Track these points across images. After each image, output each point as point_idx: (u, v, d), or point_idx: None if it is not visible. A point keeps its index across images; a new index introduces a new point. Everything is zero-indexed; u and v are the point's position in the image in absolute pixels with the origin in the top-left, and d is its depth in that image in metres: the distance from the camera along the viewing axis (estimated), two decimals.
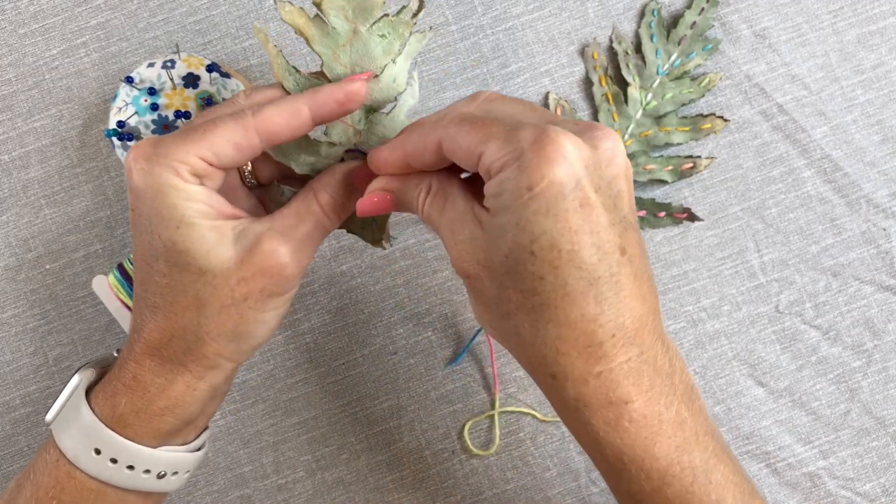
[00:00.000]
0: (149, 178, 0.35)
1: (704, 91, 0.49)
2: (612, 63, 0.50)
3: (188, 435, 0.39)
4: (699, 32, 0.49)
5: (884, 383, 0.50)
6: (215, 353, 0.37)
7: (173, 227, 0.35)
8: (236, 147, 0.35)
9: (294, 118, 0.36)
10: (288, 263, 0.36)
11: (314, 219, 0.37)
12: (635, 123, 0.49)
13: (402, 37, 0.38)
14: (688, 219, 0.49)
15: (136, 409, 0.37)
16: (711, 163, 0.49)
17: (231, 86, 0.45)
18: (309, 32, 0.37)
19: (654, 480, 0.33)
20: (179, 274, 0.36)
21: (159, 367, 0.37)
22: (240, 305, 0.36)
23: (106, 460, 0.37)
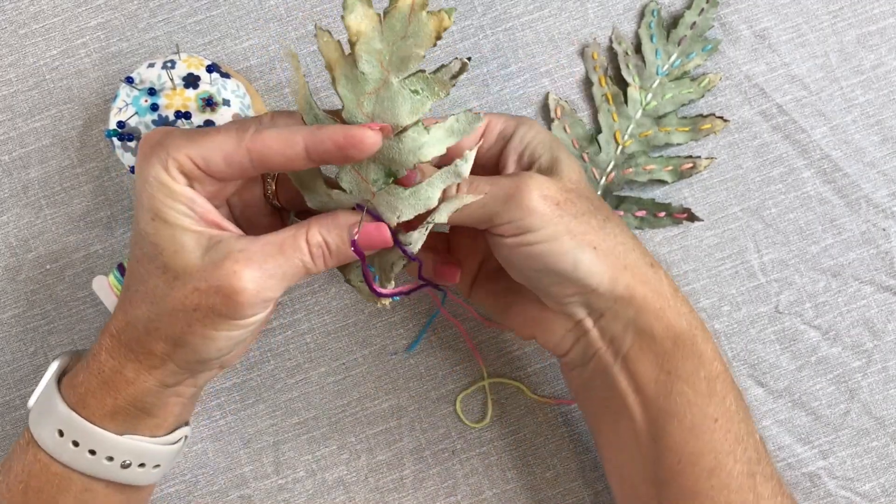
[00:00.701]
0: (142, 166, 0.35)
1: (704, 91, 0.49)
2: (612, 63, 0.50)
3: (154, 429, 0.38)
4: (699, 33, 0.49)
5: (883, 383, 0.50)
6: (162, 353, 0.36)
7: (148, 217, 0.35)
8: (225, 158, 0.34)
9: (288, 148, 0.34)
10: (245, 290, 0.34)
11: (295, 256, 0.35)
12: (635, 124, 0.49)
13: (437, 96, 0.34)
14: (687, 219, 0.49)
15: (91, 389, 0.37)
16: (711, 163, 0.49)
17: (231, 86, 0.45)
18: (336, 72, 0.34)
19: None
20: (148, 264, 0.35)
21: (115, 350, 0.37)
22: (189, 314, 0.35)
23: (68, 443, 0.36)
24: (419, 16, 0.33)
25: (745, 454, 0.38)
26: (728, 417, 0.38)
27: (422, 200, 0.36)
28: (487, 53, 0.50)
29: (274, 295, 0.35)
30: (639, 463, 0.39)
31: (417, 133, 0.35)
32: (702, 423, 0.38)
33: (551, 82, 0.50)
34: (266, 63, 0.50)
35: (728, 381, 0.39)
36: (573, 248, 0.37)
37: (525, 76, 0.50)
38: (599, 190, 0.49)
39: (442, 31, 0.33)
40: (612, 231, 0.38)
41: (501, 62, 0.50)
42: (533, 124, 0.41)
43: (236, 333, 0.36)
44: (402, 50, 0.33)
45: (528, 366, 0.50)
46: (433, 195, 0.36)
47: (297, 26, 0.50)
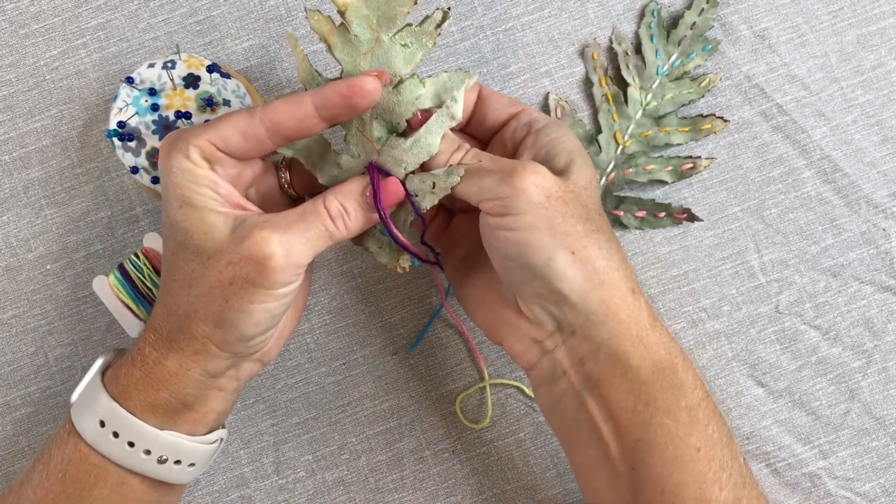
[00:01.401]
0: (165, 161, 0.37)
1: (704, 91, 0.49)
2: (612, 63, 0.50)
3: (194, 426, 0.39)
4: (699, 33, 0.49)
5: (884, 383, 0.50)
6: (203, 335, 0.37)
7: (176, 206, 0.37)
8: (242, 133, 0.37)
9: (298, 109, 0.36)
10: (275, 254, 0.35)
11: (317, 221, 0.37)
12: (635, 124, 0.49)
13: (425, 46, 0.38)
14: (687, 219, 0.49)
15: (134, 381, 0.38)
16: (711, 163, 0.49)
17: (231, 86, 0.45)
18: (332, 40, 0.38)
19: None
20: (181, 252, 0.37)
21: (158, 342, 0.38)
22: (225, 289, 0.36)
23: (109, 433, 0.37)
24: None
25: (731, 480, 0.37)
26: (711, 445, 0.37)
27: (424, 148, 0.38)
28: (487, 53, 0.50)
29: (302, 259, 0.36)
30: (616, 488, 0.38)
31: (414, 85, 0.38)
32: (684, 453, 0.36)
33: (551, 82, 0.50)
34: (266, 63, 0.50)
35: (710, 408, 0.38)
36: (550, 244, 0.36)
37: (525, 76, 0.50)
38: (600, 190, 0.49)
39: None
40: (599, 243, 0.37)
41: (501, 62, 0.50)
42: (563, 126, 0.40)
43: (272, 305, 0.36)
44: (387, 12, 0.37)
45: None
46: (433, 141, 0.38)
47: (297, 26, 0.50)
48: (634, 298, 0.37)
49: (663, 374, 0.37)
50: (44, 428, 0.49)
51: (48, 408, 0.49)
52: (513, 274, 0.38)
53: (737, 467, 0.38)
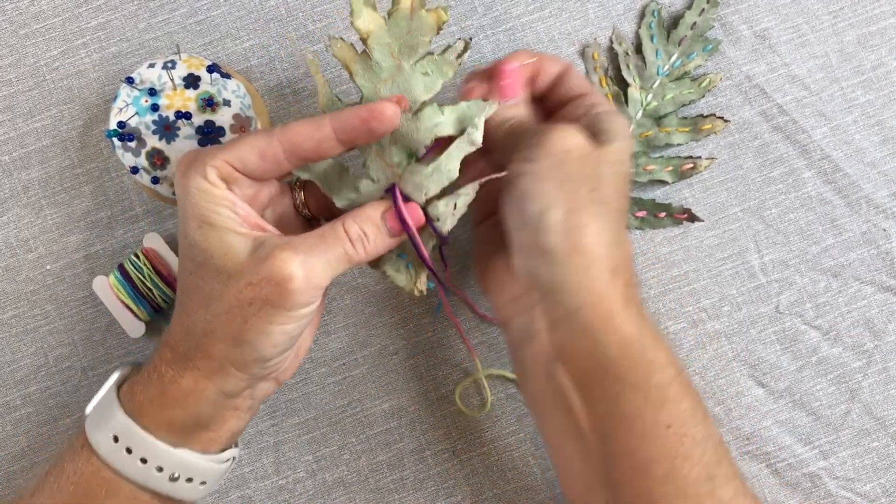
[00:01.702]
0: (183, 181, 0.37)
1: (705, 92, 0.49)
2: (612, 64, 0.50)
3: (208, 444, 0.39)
4: (699, 33, 0.49)
5: (884, 384, 0.50)
6: (220, 355, 0.37)
7: (195, 226, 0.37)
8: (260, 153, 0.37)
9: (317, 131, 0.37)
10: (295, 276, 0.35)
11: (337, 244, 0.37)
12: (636, 124, 0.49)
13: (445, 75, 0.38)
14: (688, 219, 0.49)
15: (150, 398, 0.38)
16: (712, 163, 0.49)
17: (231, 87, 0.45)
18: (353, 67, 0.38)
19: None
20: (200, 272, 0.37)
21: (174, 361, 0.38)
22: (245, 310, 0.36)
23: (122, 449, 0.37)
24: (419, 14, 0.37)
25: (703, 458, 0.37)
26: (682, 422, 0.37)
27: (444, 174, 0.39)
28: (488, 54, 0.50)
29: (321, 282, 0.36)
30: (588, 460, 0.38)
31: (433, 112, 0.38)
32: (654, 430, 0.36)
33: None
34: (266, 63, 0.50)
35: (683, 385, 0.38)
36: (550, 196, 0.36)
37: None
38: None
39: (441, 24, 0.37)
40: (598, 214, 0.37)
41: None
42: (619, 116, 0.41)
43: (290, 326, 0.37)
44: (409, 41, 0.37)
45: None
46: (453, 167, 0.38)
47: (297, 26, 0.50)
48: (612, 277, 0.37)
49: (632, 352, 0.37)
50: (44, 428, 0.49)
51: (48, 408, 0.49)
52: (511, 219, 0.39)
53: (711, 445, 0.38)
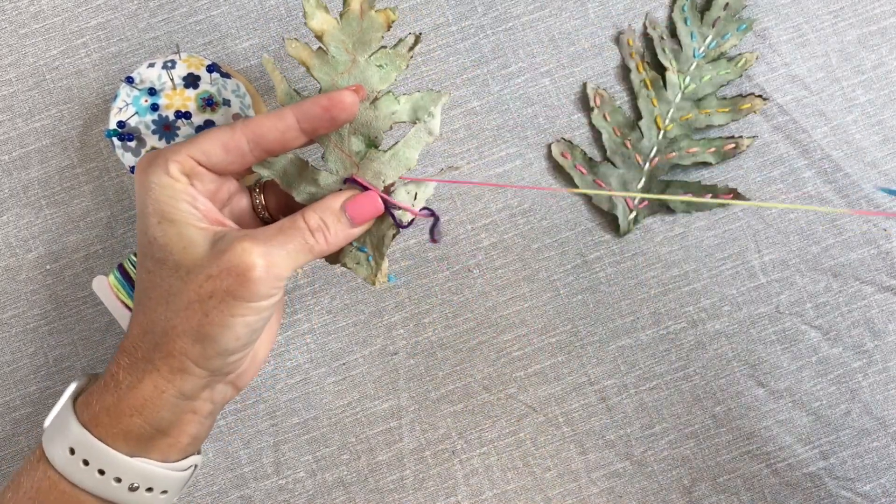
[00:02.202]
0: (143, 177, 0.37)
1: (742, 71, 0.49)
2: (648, 49, 0.50)
3: (167, 452, 0.38)
4: (733, 13, 0.49)
5: (884, 384, 0.50)
6: (181, 352, 0.36)
7: (155, 222, 0.36)
8: (223, 146, 0.37)
9: (280, 121, 0.37)
10: (256, 265, 0.35)
11: (297, 235, 0.37)
12: (675, 107, 0.49)
13: (399, 68, 0.39)
14: (734, 199, 0.49)
15: (106, 407, 0.37)
16: (753, 142, 0.49)
17: (231, 86, 0.45)
18: (310, 62, 0.39)
19: None
20: (159, 269, 0.36)
21: (132, 365, 0.37)
22: (205, 303, 0.35)
23: (79, 461, 0.36)
24: (369, 14, 0.39)
25: None
26: None
27: (402, 161, 0.39)
28: (488, 53, 0.50)
29: (282, 272, 0.36)
30: None
31: (389, 101, 0.39)
32: None
33: (552, 82, 0.50)
34: None
35: None
36: None
37: (525, 76, 0.50)
38: (644, 176, 0.49)
39: (390, 23, 0.39)
40: None
41: (502, 62, 0.50)
42: None
43: (252, 318, 0.36)
44: (361, 37, 0.39)
45: (528, 366, 0.50)
46: (411, 155, 0.40)
47: (297, 26, 0.50)
48: None
49: None
50: (43, 429, 0.49)
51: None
52: None
53: None
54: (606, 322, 0.50)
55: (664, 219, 0.50)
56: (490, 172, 0.50)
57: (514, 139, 0.50)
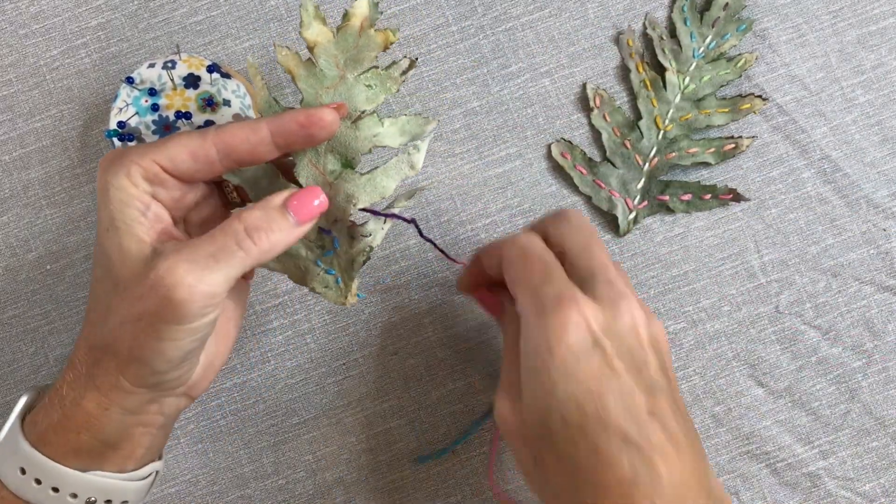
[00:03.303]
0: (102, 178, 0.35)
1: (741, 71, 0.49)
2: (647, 49, 0.50)
3: (122, 463, 0.37)
4: (732, 13, 0.49)
5: (884, 384, 0.50)
6: (116, 370, 0.34)
7: (104, 228, 0.35)
8: (192, 154, 0.35)
9: (253, 133, 0.35)
10: (180, 284, 0.32)
11: (230, 240, 0.34)
12: (675, 108, 0.49)
13: (388, 90, 0.38)
14: (734, 199, 0.49)
15: (53, 424, 0.36)
16: (752, 142, 0.49)
17: (231, 86, 0.45)
18: (297, 71, 0.38)
19: None
20: (103, 280, 0.35)
21: (75, 381, 0.36)
22: (135, 324, 0.33)
23: (31, 480, 0.35)
24: (368, 32, 0.37)
25: None
26: None
27: (378, 188, 0.38)
28: (487, 53, 0.50)
29: (215, 289, 0.33)
30: None
31: (373, 122, 0.38)
32: None
33: (552, 82, 0.50)
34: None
35: None
36: None
37: (525, 76, 0.50)
38: (643, 176, 0.49)
39: (388, 44, 0.37)
40: None
41: (502, 62, 0.50)
42: None
43: (184, 341, 0.34)
44: (355, 55, 0.37)
45: None
46: (388, 184, 0.38)
47: (297, 26, 0.50)
48: None
49: None
50: None
51: None
52: None
53: None
54: None
55: (664, 219, 0.50)
56: (490, 172, 0.50)
57: (513, 139, 0.50)
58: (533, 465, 0.34)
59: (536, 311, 0.33)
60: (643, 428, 0.32)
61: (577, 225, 0.37)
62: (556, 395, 0.32)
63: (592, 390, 0.32)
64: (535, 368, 0.32)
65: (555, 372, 0.32)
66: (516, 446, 0.34)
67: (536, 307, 0.33)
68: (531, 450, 0.33)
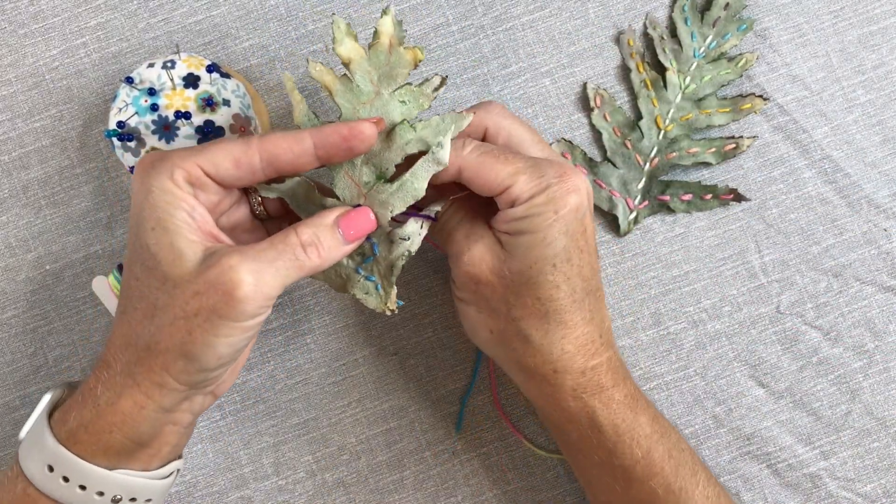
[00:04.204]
0: (144, 179, 0.36)
1: (742, 71, 0.49)
2: (648, 49, 0.50)
3: (148, 461, 0.38)
4: (733, 13, 0.49)
5: (885, 384, 0.50)
6: (162, 368, 0.35)
7: (149, 227, 0.35)
8: (235, 161, 0.36)
9: (297, 144, 0.36)
10: (243, 282, 0.34)
11: (288, 250, 0.36)
12: (675, 107, 0.49)
13: (421, 107, 0.39)
14: (734, 199, 0.49)
15: (84, 423, 0.36)
16: (753, 142, 0.49)
17: (231, 86, 0.45)
18: (334, 87, 0.39)
19: (643, 447, 0.40)
20: (147, 279, 0.35)
21: (111, 380, 0.36)
22: (190, 321, 0.34)
23: (58, 478, 0.36)
24: (397, 50, 0.38)
25: None
26: None
27: (409, 192, 0.39)
28: (488, 53, 0.50)
29: (271, 291, 0.35)
30: None
31: (404, 131, 0.39)
32: None
33: (552, 82, 0.50)
34: (266, 63, 0.50)
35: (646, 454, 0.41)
36: None
37: (526, 76, 0.50)
38: (644, 176, 0.49)
39: (417, 62, 0.39)
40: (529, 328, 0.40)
41: (502, 62, 0.50)
42: None
43: (237, 339, 0.35)
44: (388, 71, 0.39)
45: None
46: (419, 185, 0.39)
47: (297, 26, 0.50)
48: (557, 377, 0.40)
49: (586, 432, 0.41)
50: None
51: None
52: None
53: None
54: None
55: (664, 219, 0.50)
56: None
57: None
58: (506, 308, 0.39)
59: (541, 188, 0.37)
60: (599, 282, 0.40)
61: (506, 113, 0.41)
62: (554, 246, 0.37)
63: (578, 245, 0.38)
64: (537, 228, 0.37)
65: (557, 227, 0.37)
66: (490, 288, 0.39)
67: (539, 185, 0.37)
68: (508, 292, 0.39)
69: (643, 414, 0.41)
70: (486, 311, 0.40)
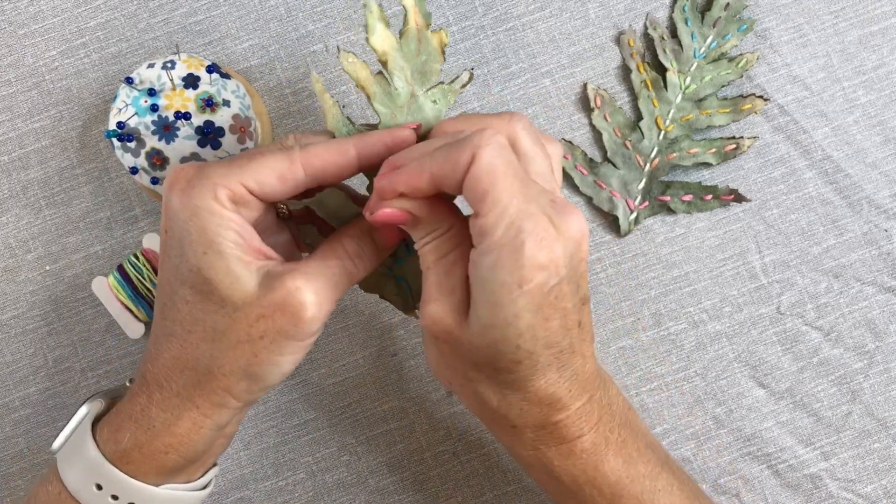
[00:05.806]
0: (185, 199, 0.34)
1: (742, 72, 0.49)
2: (648, 49, 0.50)
3: (192, 473, 0.38)
4: (733, 13, 0.49)
5: (885, 385, 0.49)
6: (224, 390, 0.36)
7: (201, 252, 0.34)
8: (280, 177, 0.35)
9: (341, 156, 0.35)
10: (309, 304, 0.34)
11: (340, 264, 0.36)
12: (676, 108, 0.49)
13: (449, 102, 0.39)
14: (735, 200, 0.49)
15: (139, 445, 0.36)
16: (754, 142, 0.49)
17: (231, 86, 0.45)
18: (371, 90, 0.38)
19: (606, 496, 0.37)
20: (202, 302, 0.35)
21: (167, 402, 0.36)
22: (255, 343, 0.34)
23: (107, 496, 0.36)
24: (425, 34, 0.38)
25: None
26: None
27: None
28: (488, 54, 0.50)
29: (332, 307, 0.36)
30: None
31: None
32: None
33: (552, 83, 0.50)
34: (266, 63, 0.49)
35: None
36: None
37: (526, 76, 0.50)
38: (644, 177, 0.49)
39: (443, 46, 0.38)
40: None
41: (502, 62, 0.50)
42: None
43: (300, 355, 0.36)
44: (420, 66, 0.38)
45: None
46: None
47: (297, 26, 0.49)
48: None
49: None
50: (43, 430, 0.49)
51: (47, 409, 0.49)
52: None
53: None
54: (607, 323, 0.50)
55: (665, 219, 0.50)
56: None
57: None
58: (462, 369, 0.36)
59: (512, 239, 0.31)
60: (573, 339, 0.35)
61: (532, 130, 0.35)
62: (517, 326, 0.32)
63: (547, 319, 0.33)
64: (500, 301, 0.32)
65: (522, 304, 0.32)
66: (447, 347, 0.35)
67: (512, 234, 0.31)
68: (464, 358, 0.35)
69: (615, 459, 0.37)
70: (445, 361, 0.37)
